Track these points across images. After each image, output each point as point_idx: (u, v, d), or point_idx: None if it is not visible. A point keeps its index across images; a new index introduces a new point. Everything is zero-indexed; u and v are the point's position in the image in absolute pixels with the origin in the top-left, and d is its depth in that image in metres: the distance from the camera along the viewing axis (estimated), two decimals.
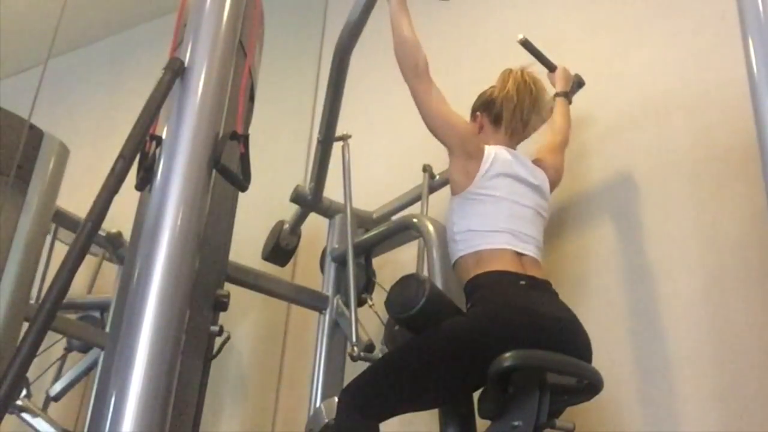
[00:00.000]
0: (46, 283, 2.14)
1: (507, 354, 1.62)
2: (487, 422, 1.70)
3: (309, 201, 2.71)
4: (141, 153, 1.72)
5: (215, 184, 1.78)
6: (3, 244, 2.18)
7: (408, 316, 1.75)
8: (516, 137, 2.09)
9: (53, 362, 3.05)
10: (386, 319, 2.21)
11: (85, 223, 1.52)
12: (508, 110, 2.04)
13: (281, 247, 2.85)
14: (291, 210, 2.81)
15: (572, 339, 1.76)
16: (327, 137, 2.55)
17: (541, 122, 2.21)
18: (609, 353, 2.09)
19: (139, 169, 1.74)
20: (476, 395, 1.77)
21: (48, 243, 2.85)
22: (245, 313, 3.08)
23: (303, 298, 2.63)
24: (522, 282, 1.79)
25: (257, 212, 2.83)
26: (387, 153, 3.05)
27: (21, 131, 2.28)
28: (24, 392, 2.72)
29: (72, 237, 1.95)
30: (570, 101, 2.40)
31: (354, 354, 2.17)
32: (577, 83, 2.47)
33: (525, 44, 2.38)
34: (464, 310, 1.83)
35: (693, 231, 2.22)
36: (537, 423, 1.62)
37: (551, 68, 2.43)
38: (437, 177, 2.58)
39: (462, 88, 2.13)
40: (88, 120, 4.23)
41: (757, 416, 1.92)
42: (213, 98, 1.79)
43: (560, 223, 2.44)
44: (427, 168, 2.59)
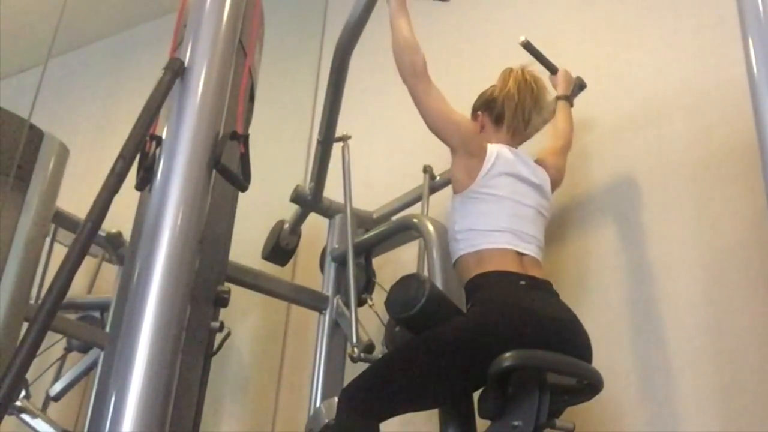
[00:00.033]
0: (46, 284, 2.14)
1: (507, 354, 1.62)
2: (487, 422, 1.70)
3: (309, 201, 2.71)
4: (141, 153, 1.72)
5: (215, 184, 1.78)
6: (3, 245, 2.18)
7: (408, 316, 1.75)
8: (518, 136, 2.08)
9: (53, 362, 3.05)
10: (386, 320, 2.21)
11: (85, 223, 1.52)
12: (510, 109, 2.03)
13: (281, 247, 2.85)
14: (291, 210, 2.81)
15: (572, 339, 1.76)
16: (327, 138, 2.55)
17: (543, 122, 2.21)
18: (609, 353, 2.09)
19: (139, 169, 1.74)
20: (476, 395, 1.77)
21: (47, 243, 2.84)
22: (245, 313, 3.08)
23: (303, 298, 2.63)
24: (522, 282, 1.79)
25: (257, 212, 2.83)
26: (387, 153, 3.05)
27: (21, 131, 2.28)
28: (23, 393, 2.71)
29: (71, 238, 1.95)
30: (571, 104, 2.40)
31: (354, 355, 2.16)
32: (579, 86, 2.46)
33: (527, 46, 2.38)
34: (464, 310, 1.83)
35: (693, 231, 2.22)
36: (537, 423, 1.61)
37: (553, 71, 2.42)
38: (438, 178, 2.58)
39: (462, 88, 2.13)
40: (88, 120, 4.23)
41: (757, 416, 1.92)
42: (213, 98, 1.80)
43: (561, 224, 2.43)
44: (428, 169, 2.59)
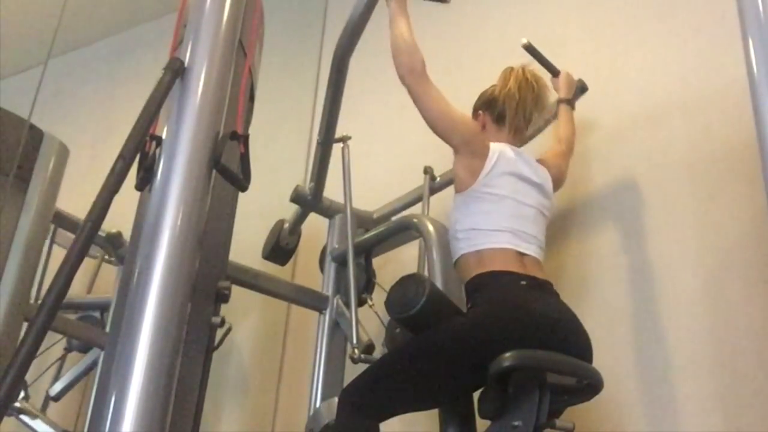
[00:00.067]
0: (46, 284, 2.14)
1: (507, 354, 1.62)
2: (487, 422, 1.70)
3: (309, 201, 2.70)
4: (141, 153, 1.72)
5: (215, 184, 1.78)
6: (3, 244, 2.18)
7: (408, 316, 1.75)
8: (519, 135, 2.08)
9: (53, 362, 3.05)
10: (387, 321, 2.21)
11: (85, 224, 1.52)
12: (511, 108, 2.03)
13: (281, 247, 2.85)
14: (291, 210, 2.81)
15: (573, 339, 1.76)
16: (327, 138, 2.54)
17: (544, 121, 2.20)
18: (609, 353, 2.08)
19: (139, 169, 1.74)
20: (476, 395, 1.77)
21: (47, 243, 2.84)
22: (245, 313, 3.08)
23: (303, 298, 2.62)
24: (523, 282, 1.79)
25: (257, 212, 2.83)
26: (387, 154, 3.05)
27: (21, 131, 2.29)
28: (21, 394, 2.71)
29: (70, 239, 1.95)
30: (573, 107, 2.39)
31: (354, 356, 2.16)
32: (580, 88, 2.45)
33: (528, 48, 2.37)
34: (464, 310, 1.83)
35: (693, 231, 2.22)
36: (537, 423, 1.61)
37: (554, 73, 2.41)
38: (438, 179, 2.58)
39: (462, 88, 2.13)
40: (88, 120, 4.24)
41: (757, 416, 1.92)
42: (213, 98, 1.80)
43: (562, 224, 2.43)
44: (428, 170, 2.59)
